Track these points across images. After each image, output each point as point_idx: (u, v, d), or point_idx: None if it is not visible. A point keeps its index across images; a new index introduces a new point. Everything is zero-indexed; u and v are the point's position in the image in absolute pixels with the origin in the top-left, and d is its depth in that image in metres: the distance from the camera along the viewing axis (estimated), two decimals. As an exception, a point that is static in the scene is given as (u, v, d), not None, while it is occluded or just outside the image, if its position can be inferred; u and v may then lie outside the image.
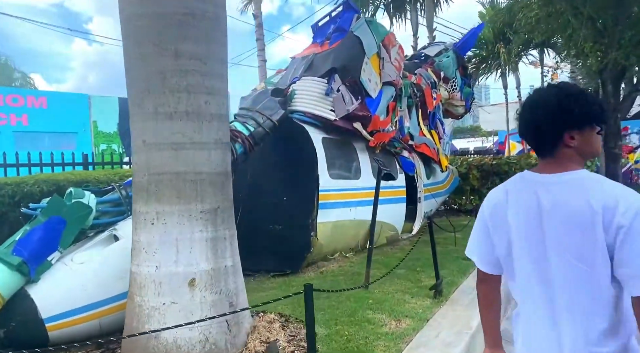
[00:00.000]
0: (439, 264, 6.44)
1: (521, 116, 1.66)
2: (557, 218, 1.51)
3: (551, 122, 1.56)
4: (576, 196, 1.49)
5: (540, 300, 1.57)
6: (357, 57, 6.55)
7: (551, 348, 1.56)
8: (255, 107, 5.97)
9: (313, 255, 6.10)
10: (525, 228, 1.59)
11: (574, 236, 1.47)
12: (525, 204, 1.59)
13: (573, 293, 1.49)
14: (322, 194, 6.05)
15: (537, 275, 1.57)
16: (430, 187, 9.37)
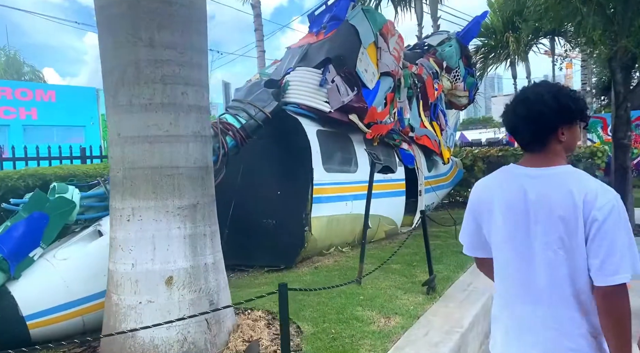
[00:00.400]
0: (437, 258, 6.32)
1: (514, 112, 1.70)
2: (542, 209, 1.59)
3: (549, 117, 1.62)
4: (560, 189, 1.57)
5: (519, 284, 1.66)
6: (352, 47, 6.37)
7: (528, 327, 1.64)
8: (247, 99, 5.83)
9: (307, 250, 5.98)
10: (511, 217, 1.66)
11: (558, 227, 1.56)
12: (512, 195, 1.66)
13: (553, 279, 1.58)
14: (317, 188, 5.92)
15: (519, 261, 1.65)
16: (432, 180, 9.19)
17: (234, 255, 6.08)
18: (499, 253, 1.74)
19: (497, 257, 1.75)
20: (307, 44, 6.66)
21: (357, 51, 6.38)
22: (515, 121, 1.70)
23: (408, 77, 7.98)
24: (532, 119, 1.65)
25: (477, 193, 1.81)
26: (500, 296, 1.77)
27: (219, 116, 5.57)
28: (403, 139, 7.80)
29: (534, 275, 1.62)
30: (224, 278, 3.68)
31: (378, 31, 6.91)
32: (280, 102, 5.99)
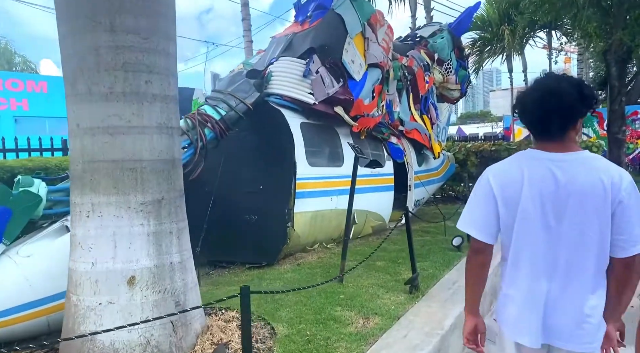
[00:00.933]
0: (424, 255, 6.17)
1: (542, 104, 1.77)
2: (572, 191, 1.72)
3: (578, 109, 1.75)
4: (588, 173, 1.72)
5: (545, 259, 1.78)
6: (338, 37, 6.16)
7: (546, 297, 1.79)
8: (228, 89, 5.62)
9: (290, 247, 5.81)
10: (541, 198, 1.76)
11: (590, 210, 1.70)
12: (541, 178, 1.77)
13: (580, 259, 1.74)
14: (300, 183, 5.73)
15: (545, 238, 1.77)
16: (423, 174, 9.02)
17: (214, 251, 5.91)
18: (522, 234, 1.82)
19: (520, 238, 1.83)
20: (291, 33, 6.44)
21: (343, 41, 6.17)
22: (543, 113, 1.77)
23: (398, 69, 7.78)
24: (563, 111, 1.74)
25: (498, 176, 1.86)
26: (516, 276, 1.86)
27: (198, 107, 5.36)
28: (392, 133, 7.62)
29: (561, 255, 1.76)
30: (193, 277, 3.50)
31: (366, 21, 6.69)
32: (263, 94, 5.79)
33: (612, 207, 1.70)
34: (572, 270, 1.76)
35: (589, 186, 1.71)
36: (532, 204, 1.77)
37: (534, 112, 1.81)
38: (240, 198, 5.83)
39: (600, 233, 1.72)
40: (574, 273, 1.76)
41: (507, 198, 1.83)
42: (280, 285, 4.96)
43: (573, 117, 1.77)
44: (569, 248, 1.75)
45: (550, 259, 1.78)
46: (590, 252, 1.73)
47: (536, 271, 1.81)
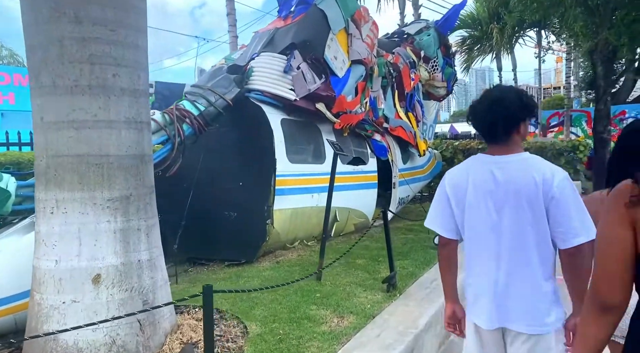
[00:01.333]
0: (405, 254, 6.15)
1: (490, 111, 1.99)
2: (509, 189, 1.92)
3: (515, 114, 1.97)
4: (524, 173, 1.91)
5: (491, 250, 1.99)
6: (320, 33, 6.10)
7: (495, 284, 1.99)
8: (208, 85, 5.54)
9: (269, 244, 5.75)
10: (482, 197, 1.99)
11: (524, 204, 1.90)
12: (483, 179, 1.99)
13: (521, 246, 1.93)
14: (280, 180, 5.67)
15: (491, 234, 1.98)
16: (408, 172, 9.00)
17: (193, 248, 5.84)
18: (472, 229, 2.05)
19: (470, 232, 2.06)
20: (274, 28, 6.37)
21: (325, 37, 6.10)
22: (492, 120, 1.97)
23: (382, 66, 7.73)
24: (508, 118, 1.95)
25: (451, 180, 2.11)
26: (472, 266, 2.09)
27: (177, 102, 5.27)
28: (375, 130, 7.57)
29: (504, 245, 1.96)
30: (163, 275, 3.43)
31: (349, 17, 6.63)
32: (243, 89, 5.71)
33: (545, 202, 1.87)
34: (516, 259, 1.95)
35: (523, 183, 1.90)
36: (476, 202, 2.01)
37: (484, 120, 2.02)
38: (219, 195, 5.76)
39: (536, 225, 1.90)
40: (518, 262, 1.95)
41: (457, 199, 2.07)
42: (257, 282, 4.90)
43: (516, 123, 1.98)
44: (511, 240, 1.95)
45: (497, 250, 1.99)
46: (529, 242, 1.92)
47: (486, 262, 2.02)
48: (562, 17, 12.19)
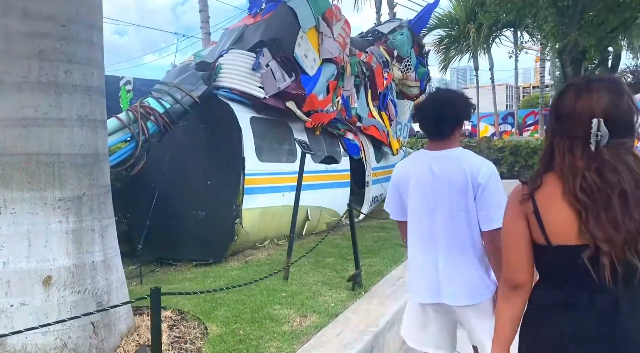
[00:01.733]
0: (374, 251, 6.17)
1: (437, 111, 2.23)
2: (443, 180, 2.18)
3: (460, 114, 2.25)
4: (456, 165, 2.16)
5: (429, 232, 2.24)
6: (290, 31, 6.06)
7: (433, 263, 2.23)
8: (174, 81, 5.46)
9: (238, 244, 5.70)
10: (421, 187, 2.25)
11: (454, 191, 2.15)
12: (421, 171, 2.25)
13: (453, 227, 2.18)
14: (249, 179, 5.63)
15: (427, 216, 2.24)
16: (382, 170, 9.03)
17: (160, 248, 5.77)
18: (412, 215, 2.31)
19: (411, 218, 2.32)
20: (243, 25, 6.31)
21: (295, 35, 6.07)
22: (439, 117, 2.21)
23: (355, 65, 7.74)
24: (454, 117, 2.23)
25: (397, 172, 2.42)
26: (412, 247, 2.34)
27: (141, 100, 5.18)
28: (348, 129, 7.58)
29: (439, 229, 2.20)
30: (119, 277, 3.36)
31: (320, 15, 6.61)
32: (211, 87, 5.64)
33: (474, 190, 2.13)
34: (451, 242, 2.19)
35: (455, 175, 2.15)
36: (417, 192, 2.28)
37: (433, 119, 2.24)
38: (187, 194, 5.69)
39: (467, 212, 2.16)
40: (453, 245, 2.19)
41: (402, 189, 2.35)
42: (224, 282, 4.85)
43: (459, 120, 2.26)
44: (446, 224, 2.19)
45: (434, 234, 2.22)
46: (461, 226, 2.17)
47: (424, 246, 2.27)
48: (534, 18, 12.37)
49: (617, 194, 1.33)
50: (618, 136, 1.37)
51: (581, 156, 1.39)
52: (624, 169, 1.35)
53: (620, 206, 1.33)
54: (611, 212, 1.33)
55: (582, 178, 1.37)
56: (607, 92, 1.39)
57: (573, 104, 1.42)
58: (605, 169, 1.35)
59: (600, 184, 1.35)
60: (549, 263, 1.48)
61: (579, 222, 1.37)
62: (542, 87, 25.50)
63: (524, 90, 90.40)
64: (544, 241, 1.43)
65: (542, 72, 25.00)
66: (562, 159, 1.43)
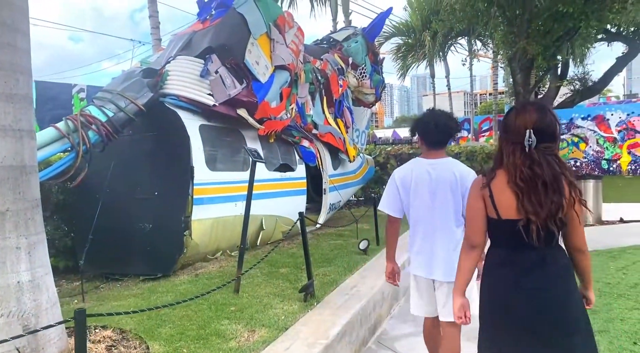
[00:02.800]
0: (330, 260, 6.11)
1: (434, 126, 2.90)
2: (439, 182, 2.84)
3: (453, 134, 2.97)
4: (448, 170, 2.86)
5: (427, 223, 2.91)
6: (240, 37, 5.95)
7: (429, 248, 2.92)
8: (118, 89, 5.24)
9: (188, 257, 5.51)
10: (422, 187, 2.89)
11: (448, 192, 2.84)
12: (422, 175, 2.89)
13: (445, 220, 2.87)
14: (198, 188, 5.46)
15: (427, 211, 2.90)
16: (339, 177, 9.02)
17: (106, 262, 5.50)
18: (415, 209, 2.95)
19: (414, 211, 2.96)
20: (192, 31, 6.15)
21: (245, 41, 5.97)
22: (440, 134, 2.91)
23: (309, 72, 7.70)
24: (451, 133, 2.95)
25: (399, 175, 3.02)
26: (413, 234, 3.00)
27: (82, 108, 4.94)
28: (304, 136, 7.51)
29: (435, 218, 2.89)
30: (50, 297, 3.14)
31: (272, 22, 6.54)
32: (157, 94, 5.45)
33: (462, 190, 2.82)
34: (443, 230, 2.88)
35: (447, 178, 2.85)
36: (418, 191, 2.91)
37: (434, 136, 2.91)
38: (133, 206, 5.46)
39: (454, 206, 2.86)
40: (444, 232, 2.88)
41: (404, 189, 2.97)
42: (171, 298, 4.66)
43: (452, 135, 2.99)
44: (440, 216, 2.88)
45: (432, 224, 2.91)
46: (450, 217, 2.88)
47: (424, 232, 2.94)
48: (486, 26, 12.72)
49: (541, 183, 1.95)
50: (544, 142, 1.99)
51: (519, 156, 2.00)
52: (546, 166, 1.96)
53: (543, 191, 1.95)
54: (537, 195, 1.96)
55: (520, 171, 1.98)
56: (535, 112, 2.01)
57: (514, 120, 2.06)
58: (534, 165, 1.97)
59: (531, 175, 1.96)
60: (498, 231, 2.12)
61: (517, 202, 1.99)
62: (495, 94, 26.35)
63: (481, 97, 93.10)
64: (496, 216, 2.08)
65: (496, 79, 25.85)
66: (507, 158, 2.05)
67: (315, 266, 5.77)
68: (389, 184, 3.05)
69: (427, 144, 2.92)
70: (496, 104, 24.35)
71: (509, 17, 11.18)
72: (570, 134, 21.51)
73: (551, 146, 2.00)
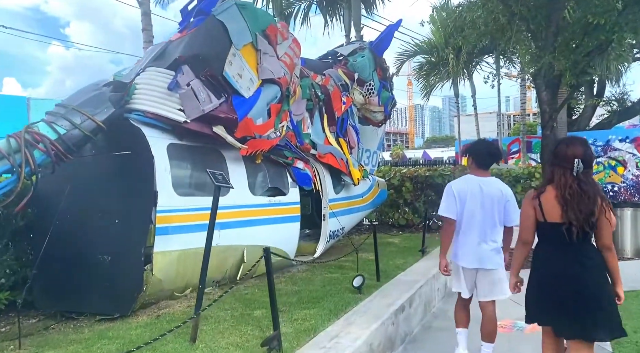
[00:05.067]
0: (316, 299, 5.29)
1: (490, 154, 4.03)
2: (488, 196, 3.87)
3: (498, 157, 4.11)
4: (494, 187, 3.91)
5: (475, 227, 3.91)
6: (218, 47, 5.36)
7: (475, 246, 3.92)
8: (74, 103, 4.69)
9: (149, 294, 4.82)
10: (474, 198, 3.90)
11: (494, 203, 3.87)
12: (474, 189, 3.91)
13: (489, 225, 3.90)
14: (163, 216, 4.80)
15: (479, 216, 3.89)
16: (343, 202, 8.24)
17: (62, 299, 4.89)
18: (466, 215, 3.92)
19: (467, 217, 3.92)
20: (168, 41, 5.60)
21: (225, 52, 5.37)
22: (490, 158, 4.01)
23: (307, 88, 7.05)
24: (495, 159, 4.06)
25: (457, 187, 3.96)
26: (463, 234, 3.96)
27: (28, 125, 4.39)
28: (298, 157, 6.81)
29: (481, 223, 3.90)
30: None
31: (260, 32, 5.94)
32: (121, 109, 4.87)
33: (503, 202, 3.87)
34: (489, 231, 3.88)
35: (495, 193, 3.87)
36: (471, 201, 3.88)
37: (486, 157, 3.99)
38: (92, 234, 4.84)
39: (498, 214, 3.88)
40: (489, 233, 3.89)
41: (460, 197, 3.90)
42: (116, 347, 3.96)
43: (497, 161, 4.12)
44: (487, 221, 3.88)
45: (478, 228, 3.89)
46: (494, 222, 3.89)
47: (474, 233, 3.90)
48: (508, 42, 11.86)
49: (586, 198, 2.85)
50: (585, 168, 2.91)
51: (569, 177, 2.89)
52: (589, 185, 2.88)
53: (584, 203, 2.84)
54: (579, 206, 2.84)
55: (569, 188, 2.87)
56: (581, 145, 2.95)
57: (565, 150, 2.95)
58: (582, 184, 2.87)
59: (579, 192, 2.86)
60: (544, 231, 3.03)
61: (562, 211, 2.89)
62: (523, 115, 25.16)
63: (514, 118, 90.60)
64: (543, 219, 2.98)
65: (523, 98, 24.70)
66: (558, 178, 2.94)
67: (297, 308, 4.99)
68: (447, 194, 3.95)
69: (477, 165, 3.97)
70: (524, 124, 23.17)
71: (533, 30, 10.30)
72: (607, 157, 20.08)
73: (590, 171, 2.91)
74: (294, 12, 16.64)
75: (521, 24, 10.44)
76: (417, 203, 11.60)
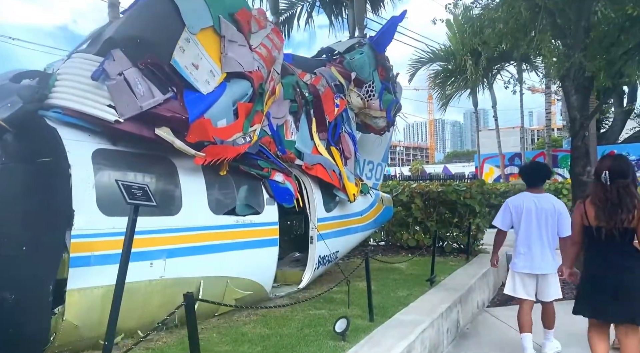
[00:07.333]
0: (291, 347, 4.12)
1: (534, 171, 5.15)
2: (543, 210, 4.82)
3: (547, 176, 5.30)
4: (547, 202, 4.89)
5: (533, 238, 4.84)
6: (164, 28, 4.31)
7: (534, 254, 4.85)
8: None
9: (62, 345, 3.71)
10: (530, 213, 4.85)
11: (549, 217, 4.82)
12: (530, 204, 4.87)
13: (546, 235, 4.83)
14: (81, 242, 3.71)
15: (535, 228, 4.84)
16: (336, 221, 7.06)
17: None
18: (524, 227, 4.87)
19: (524, 228, 4.88)
20: (107, 23, 4.58)
21: (174, 36, 4.32)
22: (539, 177, 5.06)
23: (289, 87, 5.96)
24: (545, 177, 5.17)
25: (513, 204, 4.97)
26: (521, 245, 4.90)
27: None
28: (276, 168, 5.67)
29: (538, 234, 4.82)
30: None
31: (227, 15, 4.89)
32: (32, 105, 3.83)
33: (556, 215, 4.79)
34: (545, 240, 4.80)
35: (548, 208, 4.81)
36: (528, 214, 4.84)
37: (536, 177, 5.04)
38: (-6, 265, 3.75)
39: (553, 226, 4.80)
40: (547, 242, 4.80)
41: (517, 213, 4.90)
42: None
43: (547, 180, 5.33)
44: (543, 232, 4.80)
45: (539, 237, 4.81)
46: (550, 233, 4.80)
47: (533, 242, 4.83)
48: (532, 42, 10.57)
49: (610, 204, 3.60)
50: (617, 179, 3.63)
51: (599, 187, 3.71)
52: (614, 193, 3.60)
53: (611, 209, 3.59)
54: (606, 211, 3.62)
55: (598, 196, 3.68)
56: (609, 160, 3.72)
57: (598, 165, 3.78)
58: (606, 193, 3.64)
59: (603, 199, 3.64)
60: (589, 233, 3.77)
61: (596, 215, 3.68)
62: (548, 127, 23.63)
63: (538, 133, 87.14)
64: (587, 224, 3.75)
65: (548, 108, 23.21)
66: (592, 188, 3.83)
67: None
68: (504, 208, 5.01)
69: (529, 184, 5.02)
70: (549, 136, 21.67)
71: (561, 25, 9.05)
72: (640, 170, 18.46)
73: (623, 181, 3.62)
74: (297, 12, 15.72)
75: (547, 19, 9.22)
76: (429, 221, 10.32)
